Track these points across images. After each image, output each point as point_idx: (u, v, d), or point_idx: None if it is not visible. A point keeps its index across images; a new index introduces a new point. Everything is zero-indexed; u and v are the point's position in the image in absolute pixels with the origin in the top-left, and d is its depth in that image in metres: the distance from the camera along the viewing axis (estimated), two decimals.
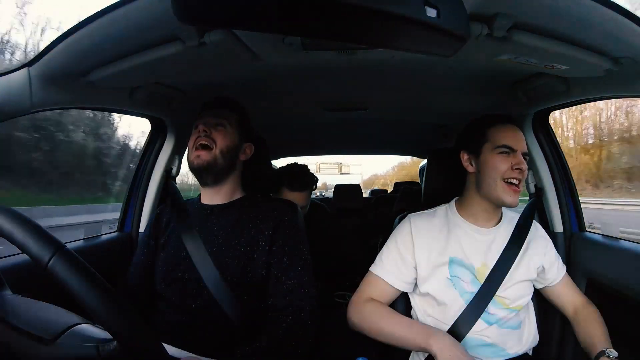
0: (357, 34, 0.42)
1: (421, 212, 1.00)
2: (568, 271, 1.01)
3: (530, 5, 0.63)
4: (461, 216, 0.96)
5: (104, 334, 0.48)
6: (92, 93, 0.93)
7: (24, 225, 0.46)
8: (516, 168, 0.87)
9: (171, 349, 0.83)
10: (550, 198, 1.20)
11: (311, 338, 0.84)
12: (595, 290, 1.04)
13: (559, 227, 1.19)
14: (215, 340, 0.84)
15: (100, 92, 0.95)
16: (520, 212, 1.01)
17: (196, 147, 0.91)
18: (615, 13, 0.59)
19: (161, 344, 0.51)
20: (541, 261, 0.95)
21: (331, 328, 1.19)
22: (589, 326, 0.90)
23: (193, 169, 0.92)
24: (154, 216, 1.03)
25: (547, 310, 1.06)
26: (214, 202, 0.97)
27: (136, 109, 1.16)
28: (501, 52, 0.80)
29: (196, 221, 0.94)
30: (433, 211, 1.00)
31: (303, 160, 1.64)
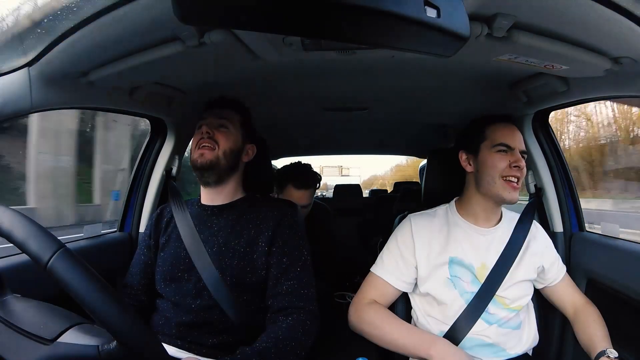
0: (357, 34, 0.42)
1: (421, 212, 1.00)
2: (568, 271, 1.01)
3: (530, 5, 0.63)
4: (461, 216, 0.96)
5: (104, 334, 0.48)
6: (92, 93, 0.93)
7: (24, 225, 0.46)
8: (514, 166, 0.87)
9: (171, 349, 0.83)
10: (550, 198, 1.20)
11: (311, 338, 0.84)
12: (595, 290, 1.04)
13: (559, 227, 1.19)
14: (215, 340, 0.84)
15: (100, 92, 0.95)
16: (520, 212, 1.02)
17: (199, 148, 0.91)
18: (615, 13, 0.59)
19: (161, 344, 0.51)
20: (541, 261, 0.95)
21: (331, 328, 1.19)
22: (589, 326, 0.90)
23: (196, 168, 0.92)
24: (154, 216, 1.03)
25: (547, 310, 1.06)
26: (215, 203, 0.97)
27: (136, 109, 1.16)
28: (501, 52, 0.80)
29: (196, 221, 0.94)
30: (433, 211, 1.00)
31: (305, 161, 1.64)
